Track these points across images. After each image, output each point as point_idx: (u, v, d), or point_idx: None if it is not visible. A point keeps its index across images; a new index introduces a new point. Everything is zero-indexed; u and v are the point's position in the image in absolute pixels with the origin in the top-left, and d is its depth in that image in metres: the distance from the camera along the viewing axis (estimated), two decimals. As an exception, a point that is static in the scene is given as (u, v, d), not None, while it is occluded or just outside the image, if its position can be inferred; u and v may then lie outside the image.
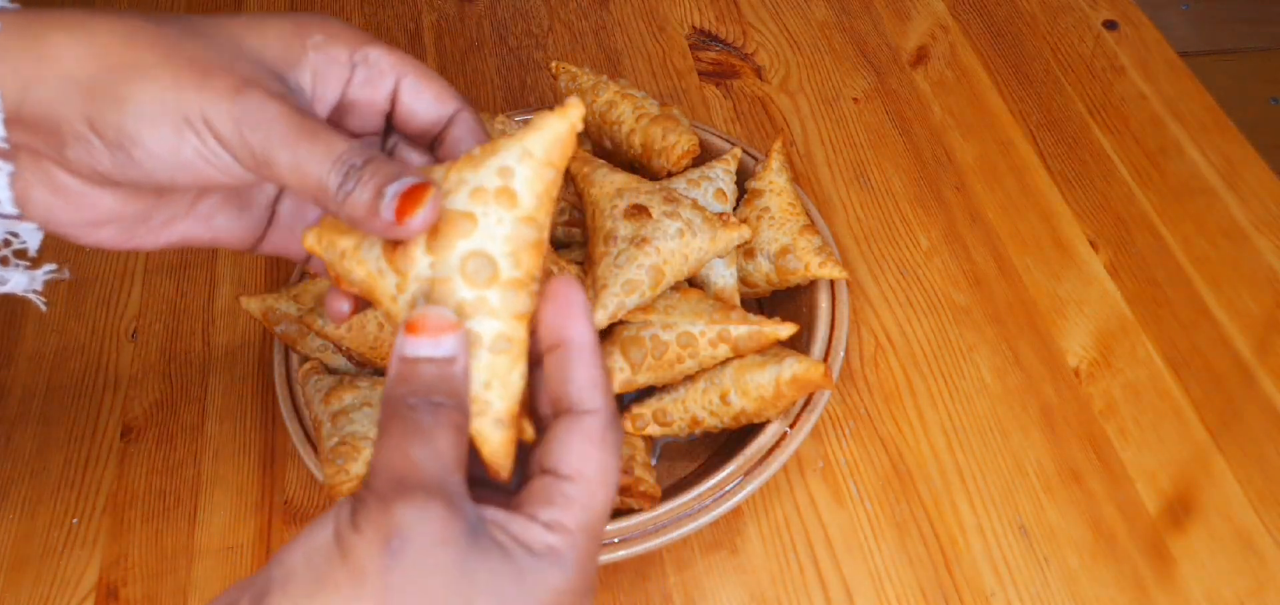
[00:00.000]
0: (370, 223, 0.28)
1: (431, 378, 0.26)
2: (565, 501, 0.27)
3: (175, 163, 0.29)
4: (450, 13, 0.79)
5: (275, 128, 0.28)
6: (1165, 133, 0.67)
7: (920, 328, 0.57)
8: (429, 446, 0.25)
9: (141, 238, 0.32)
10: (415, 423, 0.26)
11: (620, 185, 0.51)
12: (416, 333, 0.27)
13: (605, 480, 0.28)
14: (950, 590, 0.48)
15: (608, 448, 0.28)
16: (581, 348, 0.29)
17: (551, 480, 0.27)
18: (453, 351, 0.27)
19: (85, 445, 0.55)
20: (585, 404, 0.28)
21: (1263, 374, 0.55)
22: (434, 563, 0.24)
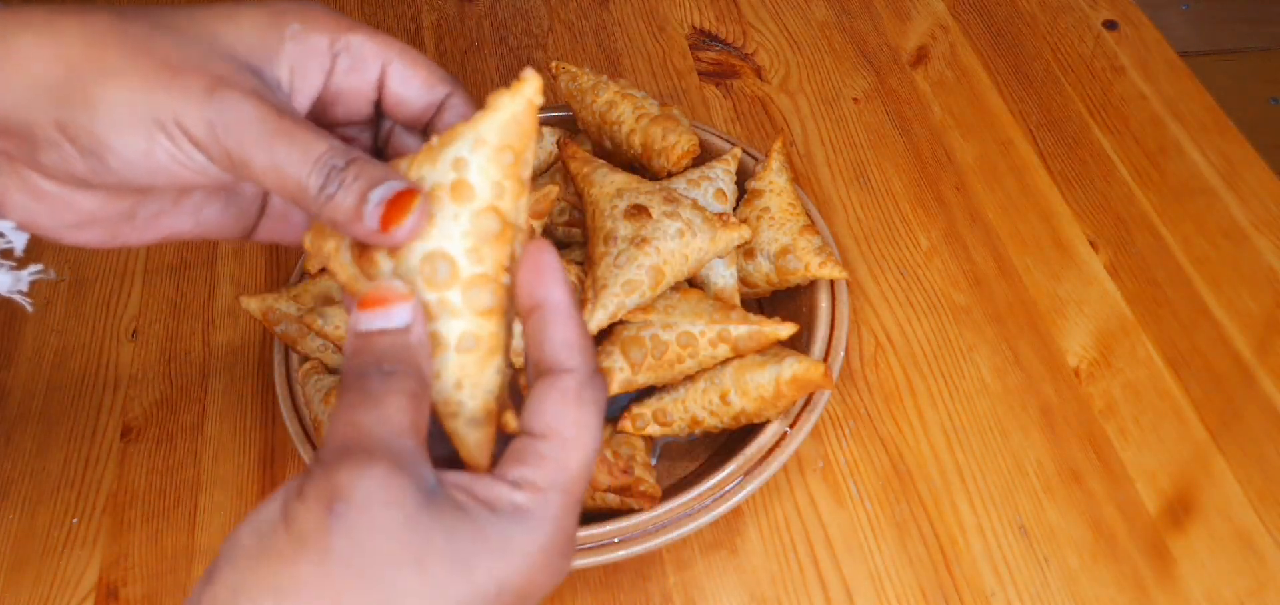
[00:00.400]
0: (353, 228, 0.27)
1: (384, 348, 0.26)
2: (537, 459, 0.26)
3: (149, 167, 0.28)
4: (450, 13, 0.79)
5: (251, 129, 0.27)
6: (1165, 133, 0.67)
7: (920, 328, 0.57)
8: (376, 411, 0.25)
9: (126, 236, 0.31)
10: (365, 391, 0.25)
11: (620, 185, 0.51)
12: (368, 307, 0.26)
13: (581, 439, 0.27)
14: (950, 590, 0.48)
15: (584, 405, 0.27)
16: (556, 308, 0.28)
17: (525, 440, 0.27)
18: (405, 321, 0.26)
19: (85, 445, 0.55)
20: (562, 363, 0.27)
21: (1263, 374, 0.55)
22: (378, 522, 0.23)
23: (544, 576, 0.26)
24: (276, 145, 0.27)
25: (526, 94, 0.27)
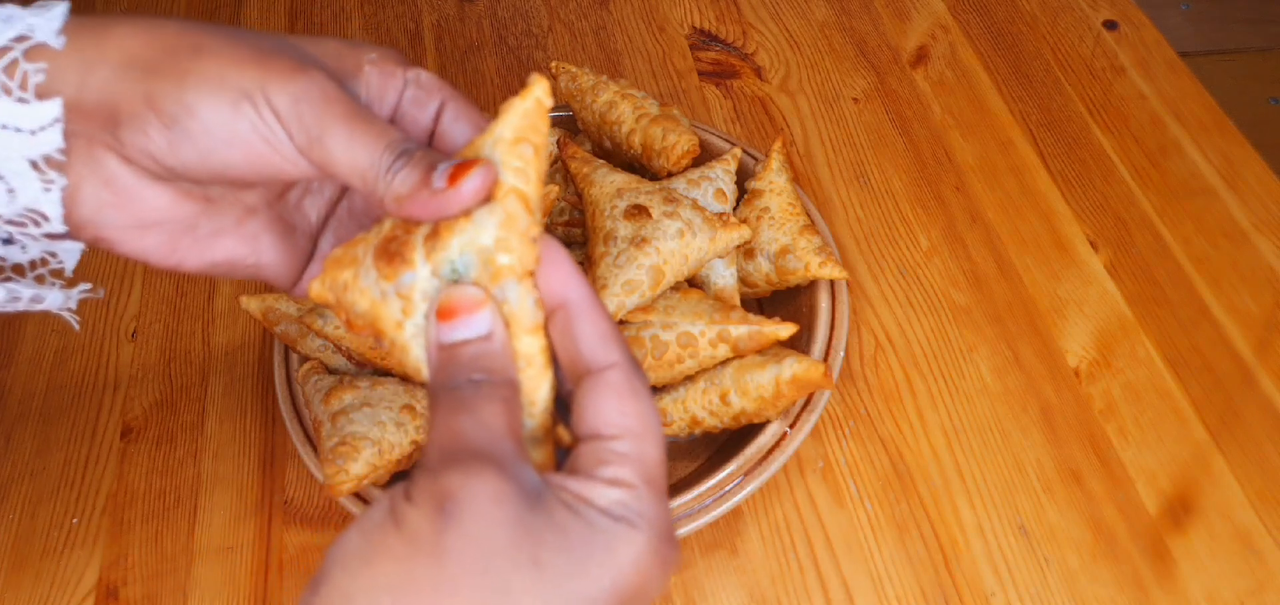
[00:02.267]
0: (418, 196, 0.28)
1: (469, 358, 0.26)
2: (618, 459, 0.26)
3: (229, 135, 0.29)
4: (450, 13, 0.79)
5: (332, 108, 0.29)
6: (1165, 133, 0.67)
7: (920, 328, 0.57)
8: (473, 417, 0.25)
9: (185, 250, 0.31)
10: (458, 399, 0.25)
11: (620, 185, 0.51)
12: (448, 318, 0.26)
13: (650, 428, 0.27)
14: (950, 590, 0.48)
15: (638, 395, 0.27)
16: (581, 304, 0.28)
17: (597, 443, 0.26)
18: (487, 327, 0.26)
19: (85, 445, 0.55)
20: (601, 359, 0.27)
21: (1263, 374, 0.55)
22: (491, 519, 0.23)
23: (657, 571, 0.26)
24: (354, 126, 0.29)
25: (536, 94, 0.27)
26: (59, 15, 0.29)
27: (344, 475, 0.45)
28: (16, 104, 0.28)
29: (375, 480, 0.46)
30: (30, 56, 0.28)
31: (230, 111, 0.29)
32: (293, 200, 0.35)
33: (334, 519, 0.51)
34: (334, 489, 0.45)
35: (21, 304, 0.32)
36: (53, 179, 0.29)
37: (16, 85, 0.28)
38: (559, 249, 0.28)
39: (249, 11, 0.81)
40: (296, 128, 0.29)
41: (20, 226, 0.30)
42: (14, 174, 0.28)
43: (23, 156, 0.28)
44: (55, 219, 0.30)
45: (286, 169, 0.30)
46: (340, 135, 0.29)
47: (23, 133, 0.28)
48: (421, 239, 0.27)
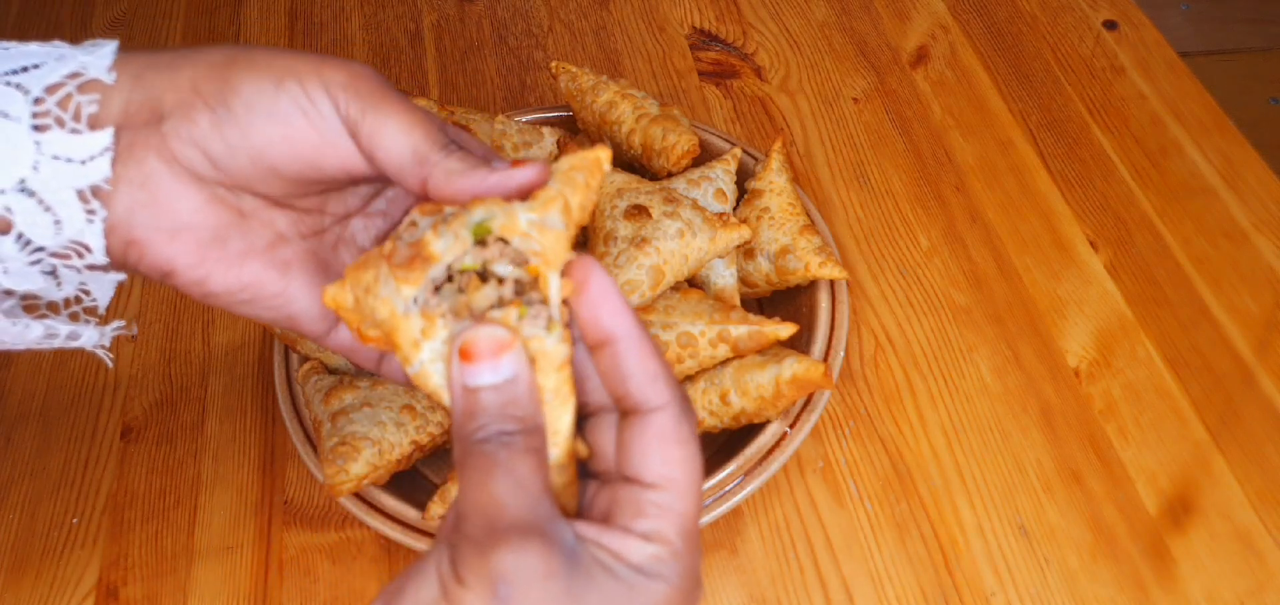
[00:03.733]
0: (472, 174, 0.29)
1: (497, 405, 0.26)
2: (658, 512, 0.26)
3: (271, 109, 0.29)
4: (450, 13, 0.79)
5: (386, 93, 0.30)
6: (1165, 133, 0.67)
7: (920, 328, 0.57)
8: (511, 478, 0.25)
9: (213, 264, 0.31)
10: (491, 458, 0.25)
11: (620, 185, 0.51)
12: (471, 360, 0.26)
13: (692, 477, 0.27)
14: (950, 590, 0.48)
15: (686, 442, 0.27)
16: (631, 339, 0.27)
17: (638, 490, 0.27)
18: (513, 371, 0.26)
19: (85, 445, 0.55)
20: (651, 401, 0.27)
21: (1263, 374, 0.55)
22: (542, 599, 0.24)
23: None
24: (408, 111, 0.30)
25: (599, 152, 0.28)
26: (109, 53, 0.30)
27: (344, 475, 0.45)
28: (69, 134, 0.28)
29: (375, 480, 0.46)
30: (83, 90, 0.29)
31: (273, 89, 0.30)
32: (329, 241, 0.34)
33: (334, 519, 0.51)
34: (334, 489, 0.45)
35: (58, 341, 0.33)
36: (96, 209, 0.29)
37: (70, 116, 0.29)
38: (609, 281, 0.28)
39: (249, 11, 0.81)
40: (349, 102, 0.30)
41: (65, 259, 0.30)
42: (61, 205, 0.29)
43: (72, 187, 0.29)
44: (97, 250, 0.30)
45: (325, 154, 0.30)
46: (392, 115, 0.30)
47: (73, 163, 0.28)
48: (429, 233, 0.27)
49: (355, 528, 0.51)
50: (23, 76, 0.28)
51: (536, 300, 0.26)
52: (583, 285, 0.28)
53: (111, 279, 0.32)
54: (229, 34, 0.79)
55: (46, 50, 0.29)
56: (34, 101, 0.28)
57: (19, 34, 0.80)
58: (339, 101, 0.30)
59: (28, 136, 0.28)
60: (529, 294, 0.26)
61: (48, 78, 0.29)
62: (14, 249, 0.29)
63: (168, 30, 0.80)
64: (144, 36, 0.79)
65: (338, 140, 0.30)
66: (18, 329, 0.31)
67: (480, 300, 0.26)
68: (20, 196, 0.28)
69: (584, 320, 0.28)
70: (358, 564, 0.50)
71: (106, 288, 0.32)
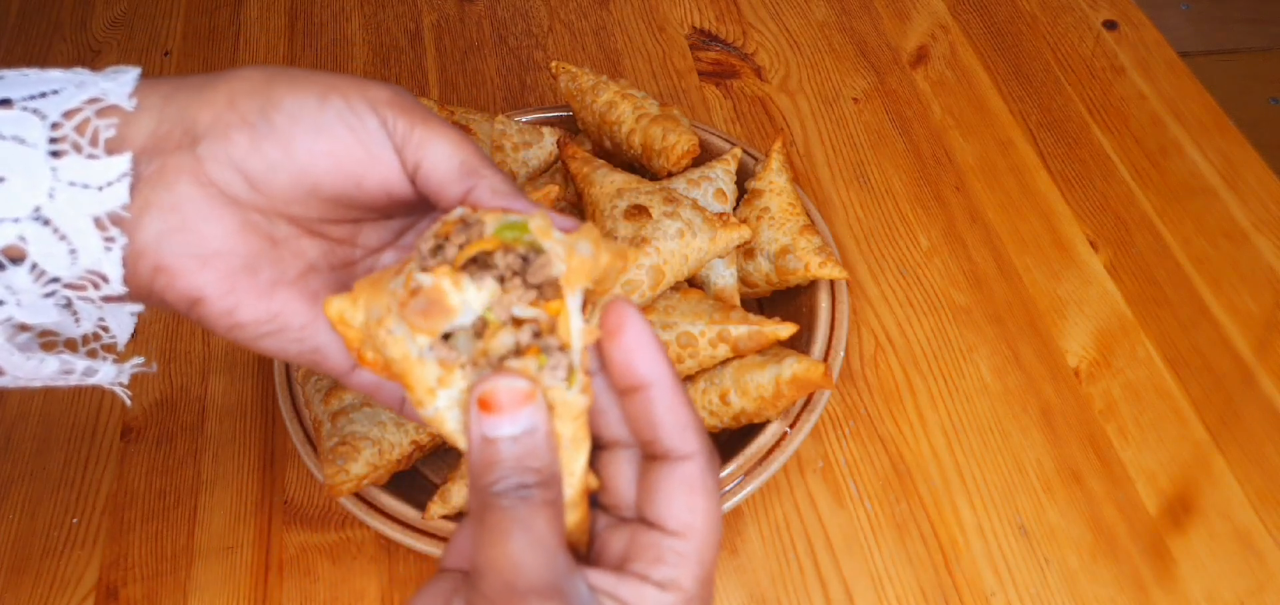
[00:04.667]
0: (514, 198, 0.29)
1: (515, 456, 0.26)
2: (677, 559, 0.26)
3: (315, 123, 0.29)
4: (450, 13, 0.79)
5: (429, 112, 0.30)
6: (1165, 133, 0.67)
7: (920, 328, 0.57)
8: (528, 537, 0.25)
9: (243, 293, 0.30)
10: (509, 513, 0.25)
11: (620, 185, 0.51)
12: (492, 411, 0.26)
13: (714, 528, 0.27)
14: (950, 590, 0.48)
15: (711, 493, 0.27)
16: (662, 386, 0.27)
17: (659, 536, 0.27)
18: (532, 423, 0.26)
19: (85, 445, 0.55)
20: (681, 449, 0.27)
21: (1263, 374, 0.55)
22: None
23: None
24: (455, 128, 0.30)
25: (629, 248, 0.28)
26: (130, 80, 0.29)
27: (344, 475, 0.45)
28: (86, 160, 0.28)
29: (375, 480, 0.46)
30: (102, 115, 0.28)
31: (317, 103, 0.29)
32: (359, 273, 0.34)
33: (334, 519, 0.51)
34: (334, 489, 0.45)
35: (74, 378, 0.32)
36: (114, 237, 0.28)
37: (87, 141, 0.28)
38: (646, 327, 0.28)
39: (249, 11, 0.81)
40: (397, 118, 0.30)
41: (80, 290, 0.29)
42: (77, 233, 0.28)
43: (88, 214, 0.28)
44: (115, 280, 0.29)
45: (368, 170, 0.30)
46: (440, 130, 0.30)
47: (90, 189, 0.28)
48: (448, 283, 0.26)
49: (355, 528, 0.51)
50: (41, 102, 0.28)
51: (555, 347, 0.26)
52: (618, 329, 0.27)
53: (130, 314, 0.31)
54: (229, 34, 0.79)
55: (67, 76, 0.29)
56: (51, 127, 0.28)
57: (19, 34, 0.80)
58: (385, 117, 0.30)
59: (44, 163, 0.27)
60: (546, 339, 0.26)
61: (66, 103, 0.28)
62: (27, 280, 0.28)
63: (168, 30, 0.80)
64: (144, 36, 0.79)
65: (382, 155, 0.30)
66: (32, 365, 0.30)
67: (498, 347, 0.26)
68: (34, 225, 0.28)
69: (618, 364, 0.28)
70: (358, 564, 0.50)
71: (125, 323, 0.32)
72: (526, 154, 0.58)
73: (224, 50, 0.78)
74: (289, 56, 0.77)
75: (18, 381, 0.31)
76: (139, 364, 0.34)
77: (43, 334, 0.31)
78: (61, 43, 0.79)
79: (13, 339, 0.30)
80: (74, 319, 0.30)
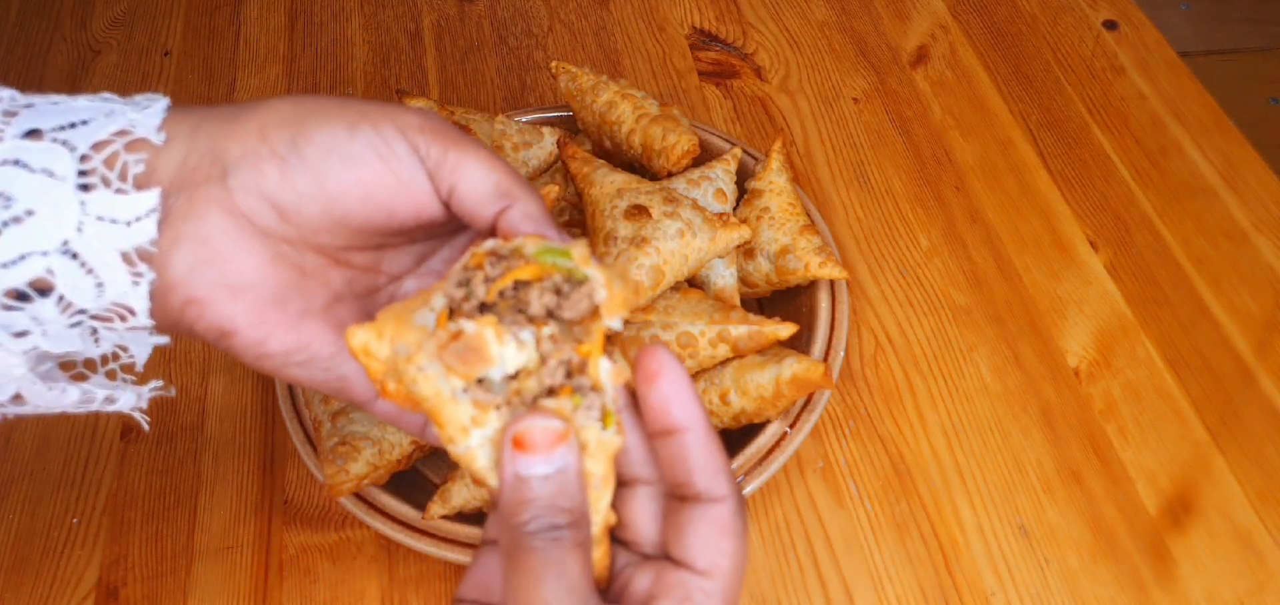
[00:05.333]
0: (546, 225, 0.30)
1: (548, 495, 0.26)
2: (705, 599, 0.27)
3: (346, 154, 0.29)
4: (450, 13, 0.79)
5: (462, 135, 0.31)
6: (1165, 133, 0.67)
7: (920, 328, 0.57)
8: (563, 582, 0.25)
9: (273, 325, 0.30)
10: (543, 555, 0.25)
11: (620, 185, 0.51)
12: (527, 450, 0.26)
13: (740, 569, 0.28)
14: (950, 590, 0.48)
15: (739, 536, 0.28)
16: (697, 431, 0.28)
17: (686, 575, 0.27)
18: (565, 463, 0.26)
19: (85, 445, 0.55)
20: (712, 492, 0.28)
21: (1263, 374, 0.55)
22: None
23: None
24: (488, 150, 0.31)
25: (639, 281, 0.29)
26: (159, 111, 0.29)
27: (344, 475, 0.45)
28: (115, 195, 0.28)
29: (375, 480, 0.46)
30: (131, 149, 0.28)
31: (347, 134, 0.29)
32: (381, 301, 0.34)
33: (334, 519, 0.51)
34: (334, 489, 0.45)
35: (94, 405, 0.32)
36: (142, 272, 0.28)
37: (116, 176, 0.28)
38: (682, 373, 0.28)
39: (249, 11, 0.81)
40: (428, 144, 0.30)
41: (106, 321, 0.29)
42: (104, 267, 0.28)
43: (116, 249, 0.28)
44: (141, 313, 0.29)
45: (399, 198, 0.30)
46: (474, 153, 0.30)
47: (118, 224, 0.28)
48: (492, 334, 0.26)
49: (355, 528, 0.51)
50: (69, 133, 0.28)
51: (587, 387, 0.27)
52: (655, 375, 0.28)
53: (151, 339, 0.31)
54: (229, 34, 0.79)
55: (95, 105, 0.29)
56: (80, 158, 0.27)
57: (19, 34, 0.80)
58: (417, 144, 0.30)
59: (72, 197, 0.27)
60: (578, 380, 0.27)
61: (95, 135, 0.28)
62: (54, 312, 0.28)
63: (168, 31, 0.80)
64: (144, 36, 0.79)
65: (413, 181, 0.30)
66: (54, 394, 0.30)
67: (532, 387, 0.26)
68: (62, 258, 0.27)
69: (654, 408, 0.28)
70: (358, 564, 0.50)
71: (145, 347, 0.32)
72: (526, 154, 0.58)
73: (224, 50, 0.78)
74: (289, 56, 0.77)
75: (38, 410, 0.31)
76: (158, 388, 0.34)
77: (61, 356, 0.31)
78: (61, 43, 0.79)
79: (36, 368, 0.30)
80: (94, 341, 0.30)
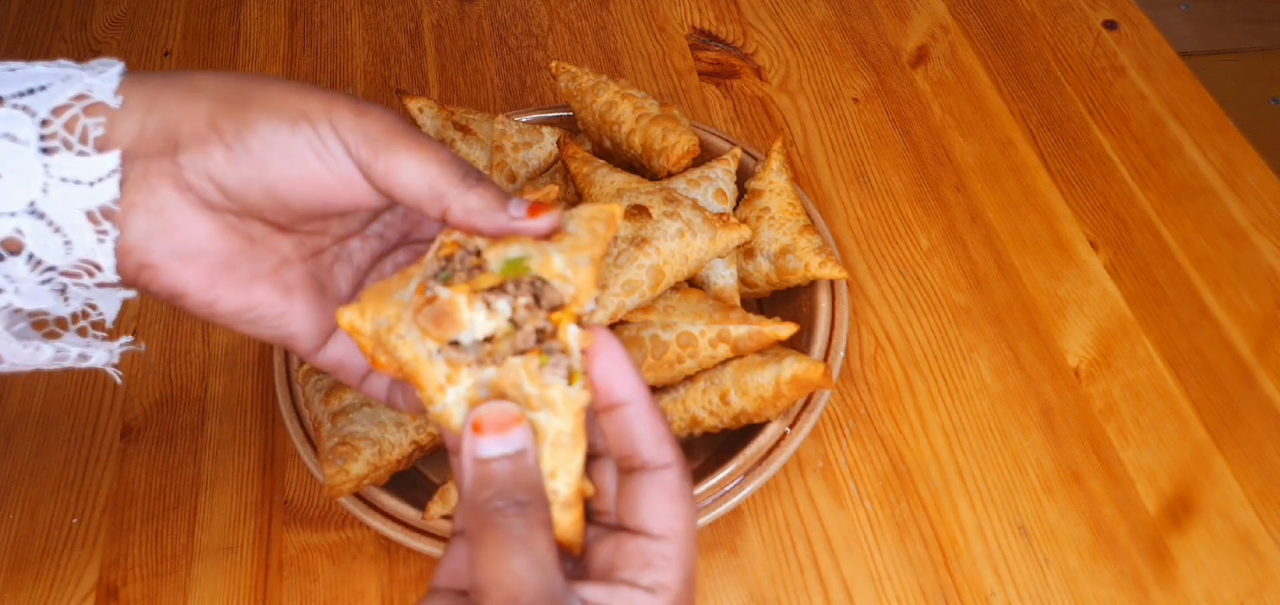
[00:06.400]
0: (493, 214, 0.30)
1: (508, 476, 0.27)
2: (664, 562, 0.28)
3: (286, 152, 0.30)
4: (450, 13, 0.79)
5: (399, 131, 0.31)
6: (1165, 133, 0.67)
7: (920, 328, 0.57)
8: (530, 555, 0.26)
9: (222, 288, 0.32)
10: (508, 531, 0.26)
11: (620, 185, 0.51)
12: (484, 433, 0.27)
13: (692, 529, 0.29)
14: (950, 590, 0.48)
15: (688, 499, 0.29)
16: (639, 403, 0.30)
17: (645, 541, 0.28)
18: (522, 444, 0.28)
19: (85, 445, 0.55)
20: (658, 459, 0.29)
21: (1263, 374, 0.55)
22: None
23: None
24: (423, 147, 0.31)
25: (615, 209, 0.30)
26: (115, 76, 0.30)
27: (344, 475, 0.45)
28: (77, 157, 0.29)
29: (375, 480, 0.46)
30: (90, 113, 0.29)
31: (288, 130, 0.30)
32: (326, 261, 0.35)
33: (334, 519, 0.51)
34: (334, 489, 0.45)
35: (68, 361, 0.33)
36: (107, 229, 0.30)
37: (77, 139, 0.29)
38: (620, 350, 0.30)
39: (249, 11, 0.81)
40: (361, 145, 0.31)
41: (75, 278, 0.30)
42: (71, 226, 0.29)
43: (81, 209, 0.29)
44: (108, 268, 0.30)
45: (337, 192, 0.31)
46: (408, 152, 0.31)
47: (82, 185, 0.29)
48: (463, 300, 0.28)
49: (355, 528, 0.51)
50: (29, 98, 0.29)
51: (556, 348, 0.28)
52: (596, 354, 0.29)
53: (119, 294, 0.32)
54: (229, 34, 0.79)
55: (52, 70, 0.30)
56: (41, 123, 0.29)
57: (19, 33, 0.80)
58: (350, 143, 0.31)
59: (36, 159, 0.29)
60: (548, 343, 0.28)
61: (54, 99, 0.29)
62: (24, 269, 0.30)
63: (168, 31, 0.80)
64: (144, 35, 0.79)
65: (350, 179, 0.31)
66: (28, 351, 0.32)
67: (503, 348, 0.28)
68: (30, 218, 0.29)
69: (598, 385, 0.30)
70: (358, 564, 0.50)
71: (113, 303, 0.33)
72: (526, 154, 0.58)
73: (224, 50, 0.78)
74: (289, 56, 0.77)
75: (15, 367, 0.32)
76: (129, 342, 0.35)
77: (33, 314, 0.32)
78: (61, 42, 0.79)
79: (10, 326, 0.31)
80: (64, 300, 0.32)
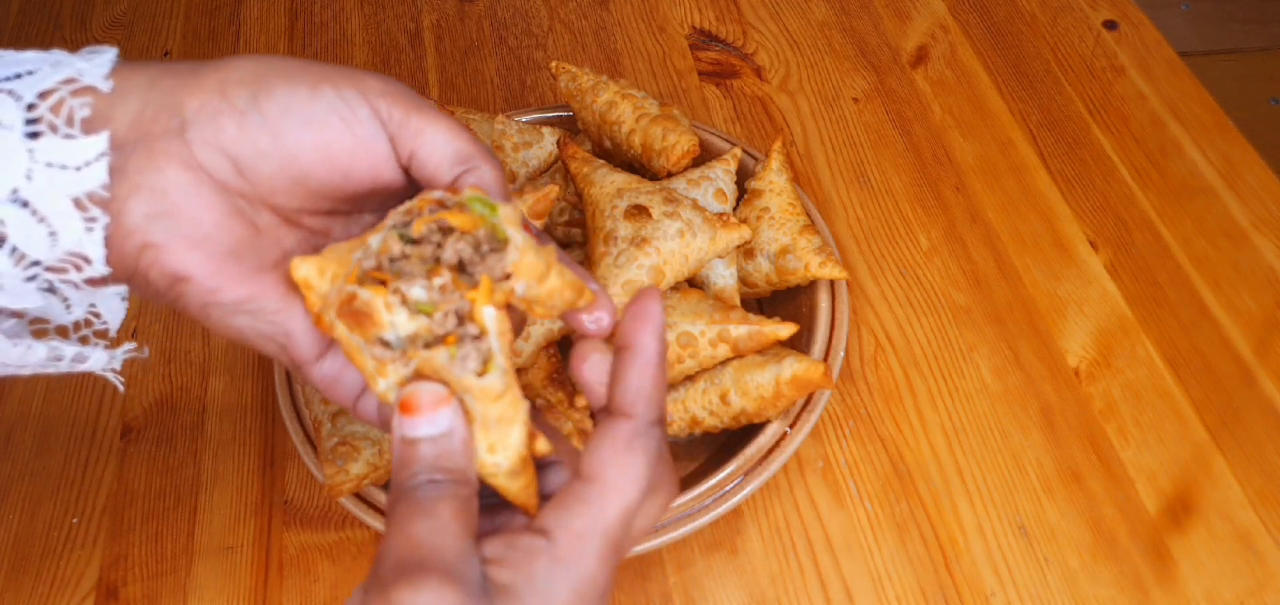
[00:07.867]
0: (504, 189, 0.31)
1: (432, 456, 0.27)
2: (577, 503, 0.28)
3: (306, 114, 0.29)
4: (450, 13, 0.79)
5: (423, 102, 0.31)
6: (1165, 133, 0.67)
7: (920, 328, 0.57)
8: (429, 521, 0.26)
9: (227, 276, 0.30)
10: (416, 502, 0.26)
11: (620, 185, 0.51)
12: (411, 413, 0.27)
13: (623, 486, 0.28)
14: (950, 590, 0.48)
15: (634, 452, 0.28)
16: (642, 355, 0.29)
17: (573, 483, 0.28)
18: (448, 425, 0.27)
19: (85, 445, 0.55)
20: (626, 409, 0.29)
21: (1263, 374, 0.55)
22: None
23: None
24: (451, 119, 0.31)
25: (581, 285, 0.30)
26: (107, 61, 0.29)
27: (344, 475, 0.45)
28: (63, 140, 0.28)
29: (375, 480, 0.46)
30: (78, 95, 0.28)
31: (308, 93, 0.30)
32: None
33: (334, 519, 0.51)
34: (334, 489, 0.45)
35: (64, 364, 0.32)
36: (96, 216, 0.28)
37: (63, 122, 0.28)
38: (654, 304, 0.30)
39: (249, 11, 0.81)
40: (391, 108, 0.30)
41: (61, 273, 0.29)
42: (56, 215, 0.28)
43: (67, 195, 0.28)
44: (97, 261, 0.29)
45: (358, 160, 0.30)
46: (438, 119, 0.31)
47: (68, 170, 0.28)
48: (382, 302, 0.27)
49: (355, 528, 0.51)
50: (16, 83, 0.28)
51: (472, 335, 0.27)
52: (635, 302, 0.30)
53: (121, 300, 0.31)
54: (229, 34, 0.79)
55: (42, 57, 0.29)
56: (27, 108, 0.27)
57: (19, 33, 0.80)
58: (378, 107, 0.30)
59: (20, 144, 0.27)
60: (466, 327, 0.27)
61: (41, 84, 0.28)
62: (7, 263, 0.28)
63: (168, 30, 0.80)
64: (144, 36, 0.79)
65: (373, 144, 0.30)
66: (19, 350, 0.30)
67: (424, 336, 0.28)
68: (13, 207, 0.27)
69: (624, 325, 0.30)
70: (358, 564, 0.50)
71: (117, 309, 0.32)
72: (526, 154, 0.58)
73: (224, 50, 0.78)
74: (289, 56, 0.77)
75: (7, 368, 0.31)
76: (131, 349, 0.34)
77: (34, 321, 0.31)
78: (61, 43, 0.79)
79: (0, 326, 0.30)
80: (65, 306, 0.30)
